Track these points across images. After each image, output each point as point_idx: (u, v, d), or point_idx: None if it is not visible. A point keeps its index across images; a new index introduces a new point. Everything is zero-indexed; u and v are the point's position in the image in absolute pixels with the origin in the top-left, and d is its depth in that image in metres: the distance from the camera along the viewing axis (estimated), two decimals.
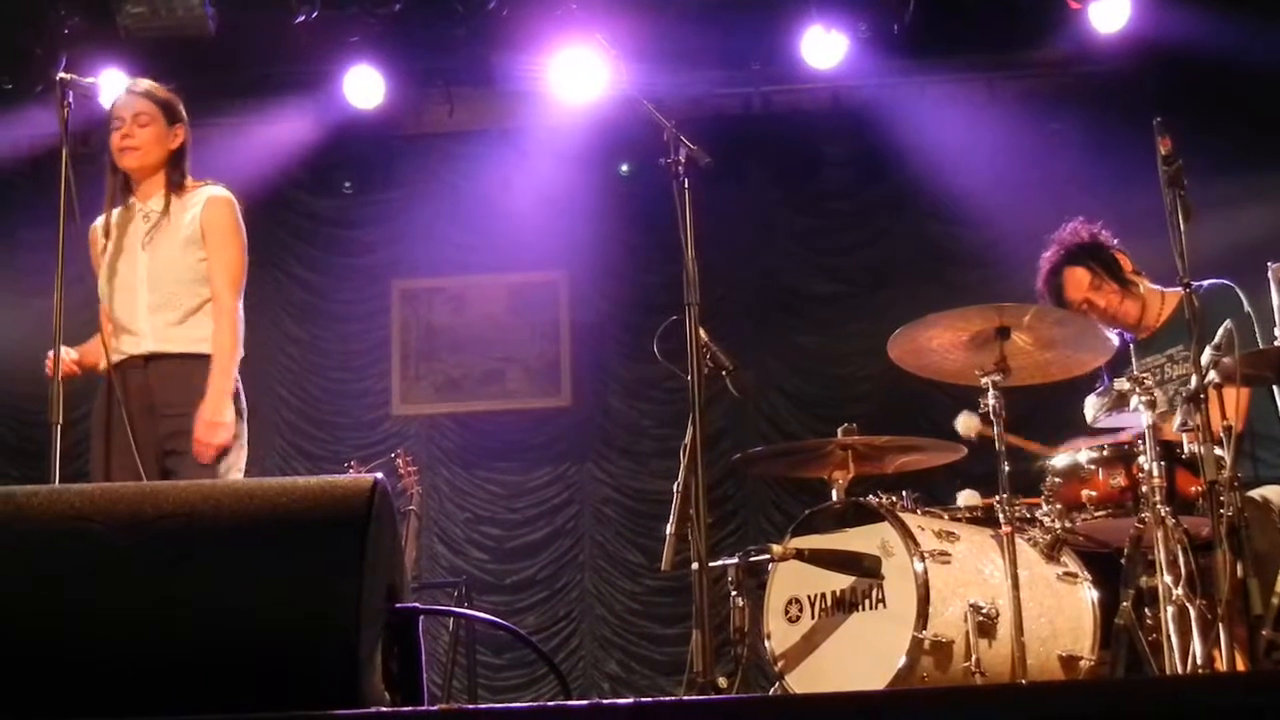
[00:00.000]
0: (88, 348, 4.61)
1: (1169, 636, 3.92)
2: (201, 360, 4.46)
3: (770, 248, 9.24)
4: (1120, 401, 4.26)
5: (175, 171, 4.64)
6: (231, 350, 4.48)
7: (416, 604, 2.44)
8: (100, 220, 4.67)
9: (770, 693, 4.42)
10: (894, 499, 4.43)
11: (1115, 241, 5.06)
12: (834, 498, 4.59)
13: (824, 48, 7.89)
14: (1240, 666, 3.79)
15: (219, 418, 4.36)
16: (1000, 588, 4.17)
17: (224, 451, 4.38)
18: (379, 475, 2.25)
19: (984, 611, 4.14)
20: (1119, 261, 5.00)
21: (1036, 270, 5.09)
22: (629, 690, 8.57)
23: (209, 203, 4.58)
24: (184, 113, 4.70)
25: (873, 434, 4.65)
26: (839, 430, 4.65)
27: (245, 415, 4.52)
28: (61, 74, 4.41)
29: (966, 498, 4.88)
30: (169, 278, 4.51)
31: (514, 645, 8.57)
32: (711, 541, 3.88)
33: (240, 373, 4.54)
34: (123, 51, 7.61)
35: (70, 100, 4.33)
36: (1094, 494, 4.39)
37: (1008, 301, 4.37)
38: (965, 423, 4.95)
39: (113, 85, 7.56)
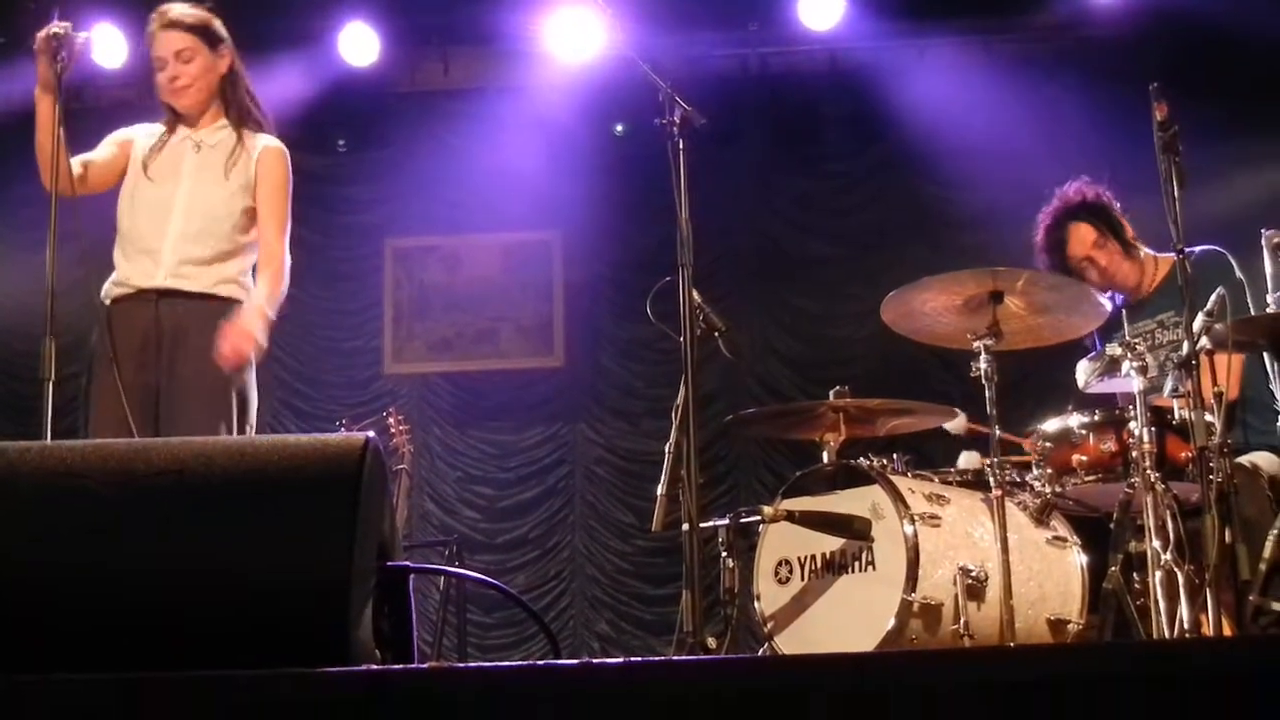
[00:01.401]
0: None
1: (1157, 601, 3.94)
2: (221, 302, 4.31)
3: (765, 209, 9.22)
4: (1112, 366, 4.27)
5: (233, 95, 4.47)
6: (277, 286, 4.39)
7: (407, 562, 2.44)
8: (148, 128, 4.49)
9: (759, 654, 4.43)
10: (885, 462, 4.44)
11: (1118, 205, 5.05)
12: (825, 460, 4.60)
13: (821, 9, 7.88)
14: (1227, 631, 3.82)
15: (252, 329, 4.24)
16: (990, 551, 4.19)
17: (244, 385, 4.26)
18: (371, 434, 2.25)
19: (973, 575, 4.15)
20: (1123, 224, 4.99)
21: (1035, 225, 5.06)
22: (619, 650, 8.61)
23: (265, 152, 4.45)
24: (224, 30, 4.45)
25: (865, 396, 4.65)
26: (831, 392, 4.65)
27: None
28: (55, 27, 4.27)
29: (967, 459, 4.89)
30: (208, 214, 4.35)
31: (504, 604, 8.59)
32: (702, 502, 3.89)
33: None
34: (116, 6, 7.57)
35: (64, 55, 4.24)
36: (1084, 459, 4.39)
37: (1002, 265, 4.37)
38: (954, 422, 4.97)
39: (106, 39, 7.61)
